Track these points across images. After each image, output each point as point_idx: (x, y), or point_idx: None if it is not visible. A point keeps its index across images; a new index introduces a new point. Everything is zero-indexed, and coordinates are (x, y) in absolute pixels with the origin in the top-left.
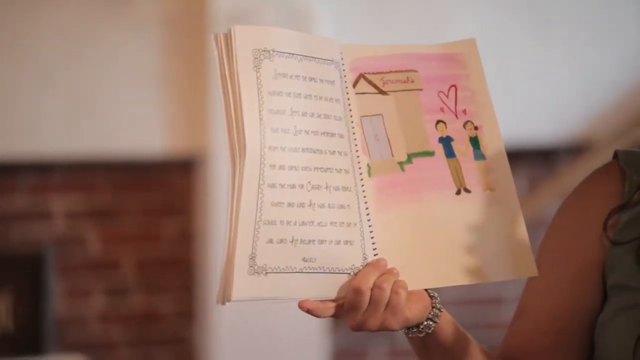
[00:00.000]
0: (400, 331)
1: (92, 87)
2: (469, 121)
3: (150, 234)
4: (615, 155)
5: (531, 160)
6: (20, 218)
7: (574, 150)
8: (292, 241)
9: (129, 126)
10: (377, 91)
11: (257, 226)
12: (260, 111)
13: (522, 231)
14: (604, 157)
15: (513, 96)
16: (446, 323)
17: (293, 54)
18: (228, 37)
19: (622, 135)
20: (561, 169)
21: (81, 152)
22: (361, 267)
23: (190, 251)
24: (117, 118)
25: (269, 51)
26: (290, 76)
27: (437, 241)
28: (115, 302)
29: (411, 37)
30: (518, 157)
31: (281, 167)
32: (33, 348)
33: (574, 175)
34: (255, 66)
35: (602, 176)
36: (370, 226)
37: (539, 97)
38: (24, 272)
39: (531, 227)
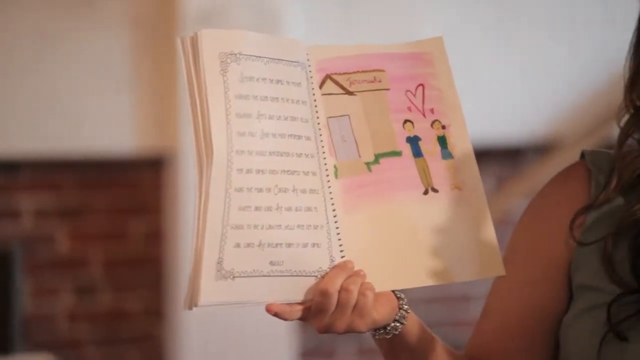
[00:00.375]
0: (368, 332)
1: (60, 87)
2: (436, 120)
3: (119, 233)
4: (582, 155)
5: (498, 160)
6: None
7: (541, 150)
8: (259, 245)
9: (98, 125)
10: (343, 92)
11: (224, 230)
12: (227, 115)
13: (489, 231)
14: (570, 156)
15: (480, 95)
16: (413, 324)
17: (260, 57)
18: (194, 40)
19: (588, 135)
20: (528, 168)
21: (49, 151)
22: (328, 269)
23: (160, 250)
24: (86, 117)
25: (235, 54)
26: (257, 79)
27: (404, 242)
28: (83, 300)
29: (379, 37)
30: (485, 156)
31: (248, 171)
32: (0, 347)
33: (541, 174)
34: (222, 70)
35: (568, 176)
36: (337, 228)
37: (505, 96)
38: None
39: (499, 226)
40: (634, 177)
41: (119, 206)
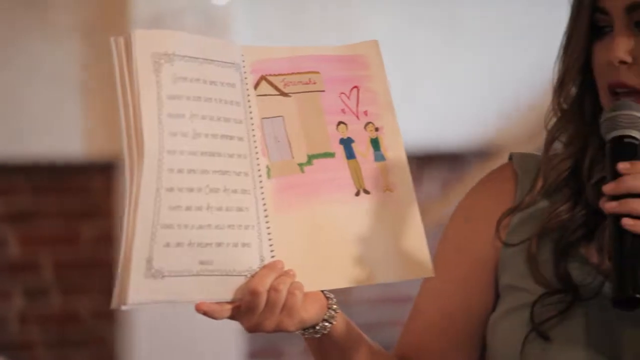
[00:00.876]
0: (297, 332)
1: (11, 92)
2: (370, 122)
3: (70, 236)
4: (510, 157)
5: (442, 164)
6: None
7: (483, 155)
8: (189, 244)
9: (49, 130)
10: (278, 93)
11: (154, 230)
12: (159, 115)
13: (419, 232)
14: None
15: (425, 102)
16: (341, 324)
17: (193, 58)
18: (127, 41)
19: (528, 140)
20: (470, 172)
21: (2, 156)
22: (258, 269)
23: (110, 253)
24: (37, 122)
25: (169, 55)
26: (191, 80)
27: (334, 242)
28: (34, 303)
29: (327, 40)
30: (430, 160)
31: (180, 171)
32: None
33: None
34: (155, 70)
35: (496, 178)
36: (268, 228)
37: (450, 101)
38: None
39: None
40: (559, 180)
41: (70, 210)
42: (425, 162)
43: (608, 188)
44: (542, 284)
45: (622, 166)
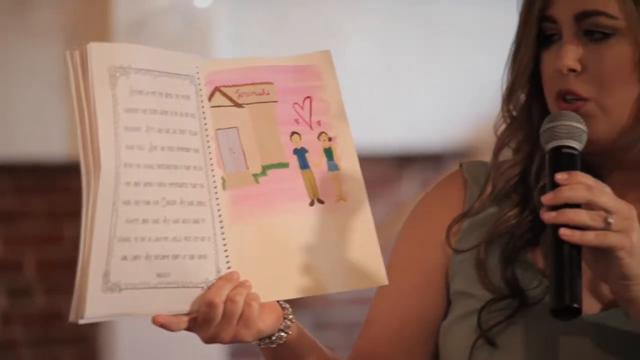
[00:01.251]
0: (253, 342)
1: None
2: (323, 132)
3: (54, 236)
4: (461, 165)
5: (421, 164)
6: None
7: (461, 155)
8: (146, 257)
9: (33, 130)
10: (232, 104)
11: (111, 243)
12: (115, 129)
13: (372, 241)
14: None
15: (405, 104)
16: (297, 333)
17: (149, 71)
18: (83, 54)
19: None
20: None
21: None
22: (215, 280)
23: None
24: (21, 122)
25: (125, 68)
26: (147, 93)
27: (290, 253)
28: (17, 302)
29: (308, 45)
30: (410, 160)
31: (136, 184)
32: None
33: None
34: (111, 83)
35: (446, 186)
36: (224, 239)
37: (428, 104)
38: None
39: None
40: (507, 187)
41: (54, 210)
42: (405, 162)
43: (546, 198)
44: (490, 289)
45: (559, 177)
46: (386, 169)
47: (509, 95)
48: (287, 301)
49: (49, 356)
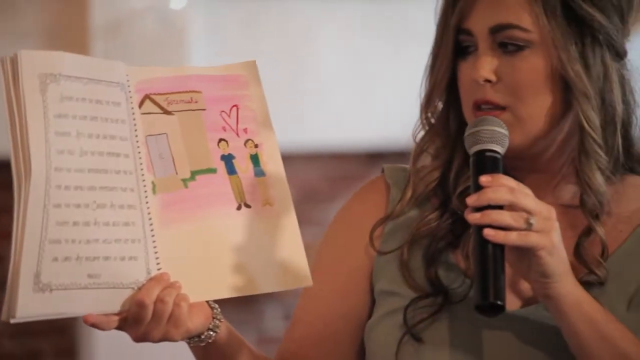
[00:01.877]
0: (183, 341)
1: None
2: (249, 139)
3: (4, 232)
4: (382, 170)
5: (390, 161)
6: None
7: None
8: (77, 259)
9: None
10: (161, 111)
11: (42, 245)
12: (46, 134)
13: (297, 243)
14: None
15: (375, 102)
16: (225, 332)
17: (79, 78)
18: (14, 61)
19: None
20: None
21: None
22: (145, 281)
23: None
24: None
25: (55, 75)
26: (77, 99)
27: (218, 255)
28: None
29: (281, 47)
30: (379, 156)
31: (67, 188)
32: None
33: None
34: (42, 90)
35: (369, 190)
36: (154, 242)
37: (397, 104)
38: None
39: None
40: (427, 191)
41: (3, 205)
42: (375, 158)
43: (471, 200)
44: (415, 288)
45: (483, 179)
46: (357, 165)
47: (427, 104)
48: (245, 298)
49: (30, 347)
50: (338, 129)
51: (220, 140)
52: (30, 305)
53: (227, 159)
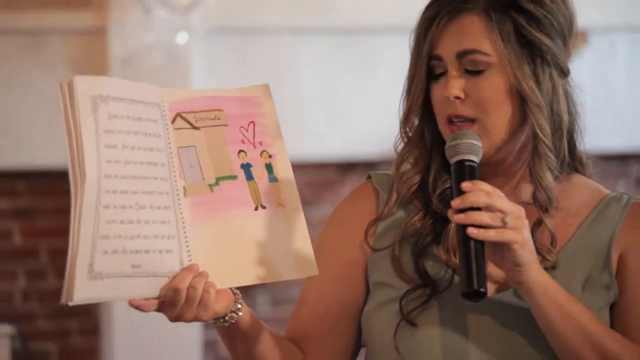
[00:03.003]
0: (210, 322)
1: (14, 113)
2: (264, 151)
3: (62, 229)
4: (369, 177)
5: (361, 170)
6: None
7: (392, 162)
8: (123, 251)
9: (44, 143)
10: (191, 127)
11: (94, 240)
12: (97, 146)
13: (305, 239)
14: None
15: (347, 120)
16: (246, 315)
17: (123, 99)
18: (70, 85)
19: None
20: None
21: (6, 165)
22: (179, 271)
23: None
24: (35, 136)
25: (104, 97)
26: (122, 117)
27: (239, 248)
28: (34, 283)
29: (266, 74)
30: (351, 167)
31: (114, 192)
32: None
33: None
34: (93, 109)
35: (359, 195)
36: (186, 238)
37: (366, 120)
38: None
39: None
40: (409, 194)
41: (62, 207)
42: (347, 169)
43: (455, 203)
44: (406, 280)
45: (465, 185)
46: (331, 174)
47: (405, 121)
48: (245, 287)
49: (60, 326)
50: (317, 143)
51: (240, 151)
52: (85, 291)
53: (246, 167)
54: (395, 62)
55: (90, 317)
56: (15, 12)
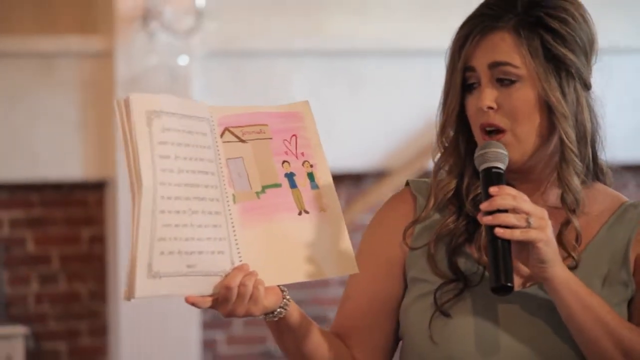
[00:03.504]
0: (260, 317)
1: (27, 130)
2: (306, 161)
3: (72, 237)
4: (407, 183)
5: (347, 183)
6: None
7: (378, 175)
8: (178, 252)
9: (55, 158)
10: (238, 140)
11: (152, 242)
12: (152, 157)
13: (346, 240)
14: (398, 180)
15: (336, 135)
16: (294, 310)
17: (175, 114)
18: (127, 102)
19: (410, 165)
20: (368, 189)
21: (21, 178)
22: (230, 270)
23: (103, 250)
24: (46, 152)
25: (157, 112)
26: (174, 130)
27: (286, 249)
28: (46, 287)
29: (261, 94)
30: (338, 179)
31: (169, 198)
32: None
33: (378, 193)
34: (148, 123)
35: (398, 200)
36: (236, 240)
37: (353, 136)
38: None
39: (349, 233)
40: (445, 199)
41: (72, 218)
42: (336, 180)
43: (483, 206)
44: (440, 275)
45: (492, 189)
46: None
47: (441, 131)
48: (288, 286)
49: (70, 326)
50: None
51: (284, 161)
52: (145, 288)
53: (289, 176)
54: (380, 82)
55: (98, 318)
56: (30, 37)
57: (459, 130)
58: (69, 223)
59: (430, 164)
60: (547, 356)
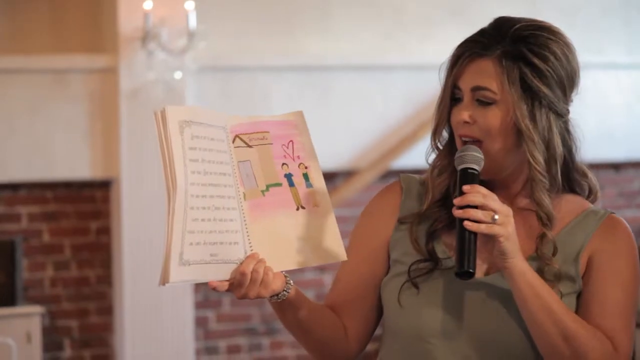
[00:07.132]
0: (267, 298)
1: (43, 137)
2: (301, 163)
3: (82, 230)
4: (399, 177)
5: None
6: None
7: (347, 174)
8: (204, 243)
9: (69, 161)
10: (246, 145)
11: (183, 234)
12: (184, 160)
13: (336, 232)
14: (365, 178)
15: None
16: (295, 292)
17: (202, 123)
18: (163, 113)
19: (375, 165)
20: (339, 186)
21: (37, 177)
22: (244, 258)
23: (109, 240)
24: (59, 155)
25: (188, 122)
26: (201, 137)
27: (287, 240)
28: (59, 272)
29: (246, 105)
30: None
31: (197, 196)
32: (9, 301)
33: (347, 189)
34: (180, 131)
35: (387, 191)
36: (247, 232)
37: (325, 141)
38: (3, 254)
39: None
40: (442, 193)
41: (82, 212)
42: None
43: (456, 201)
44: (418, 251)
45: (465, 187)
46: None
47: (435, 134)
48: (288, 272)
49: (80, 306)
50: None
51: (283, 163)
52: (177, 274)
53: (288, 177)
54: (346, 94)
55: (105, 299)
56: (46, 56)
57: (452, 134)
58: (79, 217)
59: (391, 165)
60: (502, 334)
